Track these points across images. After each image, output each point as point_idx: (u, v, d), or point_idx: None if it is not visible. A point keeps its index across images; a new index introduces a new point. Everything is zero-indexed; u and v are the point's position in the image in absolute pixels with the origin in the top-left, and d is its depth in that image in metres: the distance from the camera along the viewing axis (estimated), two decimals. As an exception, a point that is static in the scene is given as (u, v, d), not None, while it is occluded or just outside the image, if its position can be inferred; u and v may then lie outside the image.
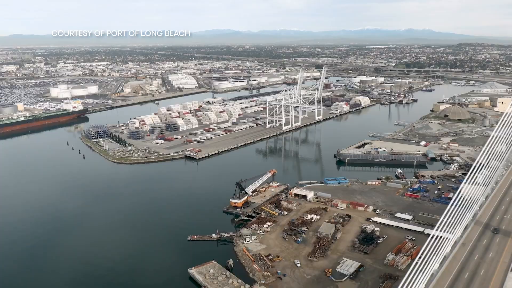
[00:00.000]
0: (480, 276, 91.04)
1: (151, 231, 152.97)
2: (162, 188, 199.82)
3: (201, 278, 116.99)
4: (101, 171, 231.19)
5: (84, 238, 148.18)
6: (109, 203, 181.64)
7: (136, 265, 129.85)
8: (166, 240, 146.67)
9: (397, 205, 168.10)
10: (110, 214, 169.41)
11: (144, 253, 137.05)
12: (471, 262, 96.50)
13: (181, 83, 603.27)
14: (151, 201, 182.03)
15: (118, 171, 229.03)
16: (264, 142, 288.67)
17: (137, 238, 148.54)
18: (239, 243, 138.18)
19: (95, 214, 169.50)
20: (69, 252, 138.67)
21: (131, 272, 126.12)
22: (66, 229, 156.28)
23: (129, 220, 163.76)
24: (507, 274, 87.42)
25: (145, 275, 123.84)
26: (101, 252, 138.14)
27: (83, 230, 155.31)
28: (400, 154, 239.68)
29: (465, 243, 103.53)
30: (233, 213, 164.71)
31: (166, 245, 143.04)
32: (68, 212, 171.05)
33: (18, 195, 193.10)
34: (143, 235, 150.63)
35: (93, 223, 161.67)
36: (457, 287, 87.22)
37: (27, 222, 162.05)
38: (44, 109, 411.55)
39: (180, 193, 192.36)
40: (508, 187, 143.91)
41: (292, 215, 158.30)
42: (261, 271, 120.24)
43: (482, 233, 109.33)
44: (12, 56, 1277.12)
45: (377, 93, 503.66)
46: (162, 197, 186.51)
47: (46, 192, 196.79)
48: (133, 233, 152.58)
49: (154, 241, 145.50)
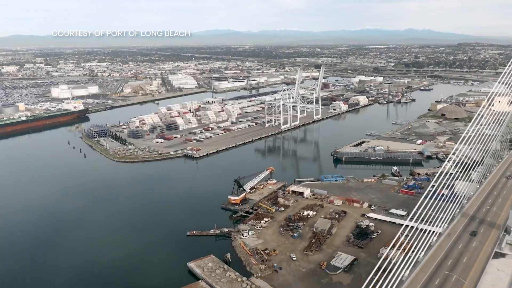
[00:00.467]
0: (462, 263, 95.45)
1: (151, 228, 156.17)
2: (162, 186, 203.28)
3: (200, 271, 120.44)
4: (101, 170, 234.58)
5: (85, 237, 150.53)
6: (110, 201, 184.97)
7: (136, 260, 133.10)
8: (166, 236, 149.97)
9: (392, 202, 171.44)
10: (110, 212, 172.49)
11: (144, 249, 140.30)
12: (455, 251, 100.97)
13: (181, 83, 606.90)
14: (151, 198, 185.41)
15: (118, 170, 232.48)
16: (263, 141, 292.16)
17: (137, 234, 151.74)
18: (237, 238, 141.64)
19: (96, 212, 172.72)
20: (70, 250, 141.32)
21: (132, 266, 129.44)
22: (67, 227, 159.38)
23: (129, 217, 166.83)
24: (488, 261, 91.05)
25: (146, 268, 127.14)
26: (102, 248, 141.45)
27: (84, 229, 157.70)
28: (397, 152, 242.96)
29: (451, 234, 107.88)
30: (231, 210, 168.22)
31: (166, 240, 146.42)
32: (69, 211, 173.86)
33: (19, 194, 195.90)
34: (143, 231, 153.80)
35: (94, 221, 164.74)
36: (440, 272, 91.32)
37: (28, 221, 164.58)
38: (45, 109, 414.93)
39: (180, 191, 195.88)
40: (497, 182, 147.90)
41: (289, 211, 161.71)
42: (258, 265, 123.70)
43: (468, 224, 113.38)
44: (12, 56, 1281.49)
45: (375, 93, 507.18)
46: (162, 195, 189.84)
47: (47, 191, 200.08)
48: (133, 230, 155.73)
49: (154, 237, 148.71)
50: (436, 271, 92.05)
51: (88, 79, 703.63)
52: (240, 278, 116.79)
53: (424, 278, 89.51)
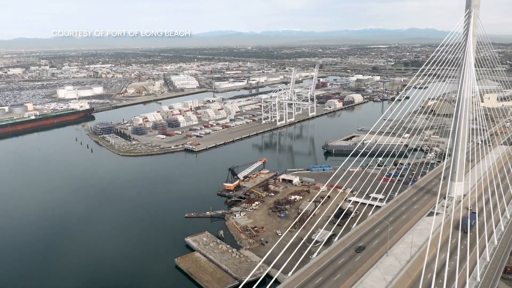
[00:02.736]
0: (402, 219, 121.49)
1: (154, 211, 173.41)
2: (164, 176, 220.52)
3: (196, 245, 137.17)
4: (107, 163, 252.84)
5: (94, 224, 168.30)
6: (116, 189, 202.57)
7: (141, 235, 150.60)
8: (166, 217, 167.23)
9: (373, 188, 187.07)
10: (116, 199, 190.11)
11: (147, 227, 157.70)
12: (398, 211, 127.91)
13: (183, 84, 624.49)
14: (153, 187, 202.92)
15: (123, 163, 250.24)
16: (259, 137, 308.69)
17: (142, 216, 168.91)
18: (229, 218, 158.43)
19: (104, 199, 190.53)
20: (79, 233, 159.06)
21: (136, 240, 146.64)
22: (77, 214, 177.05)
23: (133, 203, 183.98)
24: (422, 217, 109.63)
25: (148, 242, 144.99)
26: (113, 229, 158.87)
27: (92, 218, 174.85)
28: (383, 144, 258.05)
29: (399, 200, 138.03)
30: (226, 195, 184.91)
31: (167, 221, 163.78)
32: (79, 200, 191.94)
33: (31, 187, 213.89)
34: (146, 214, 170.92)
35: (103, 207, 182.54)
36: (381, 225, 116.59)
37: (40, 211, 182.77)
38: (53, 108, 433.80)
39: (180, 180, 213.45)
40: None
41: (278, 196, 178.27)
42: (247, 239, 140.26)
43: (415, 193, 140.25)
44: (17, 59, 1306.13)
45: (371, 91, 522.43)
46: (163, 183, 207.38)
47: (59, 180, 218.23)
48: (138, 213, 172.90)
49: (156, 218, 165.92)
50: (378, 224, 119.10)
51: (93, 80, 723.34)
52: (230, 250, 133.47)
53: (367, 228, 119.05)
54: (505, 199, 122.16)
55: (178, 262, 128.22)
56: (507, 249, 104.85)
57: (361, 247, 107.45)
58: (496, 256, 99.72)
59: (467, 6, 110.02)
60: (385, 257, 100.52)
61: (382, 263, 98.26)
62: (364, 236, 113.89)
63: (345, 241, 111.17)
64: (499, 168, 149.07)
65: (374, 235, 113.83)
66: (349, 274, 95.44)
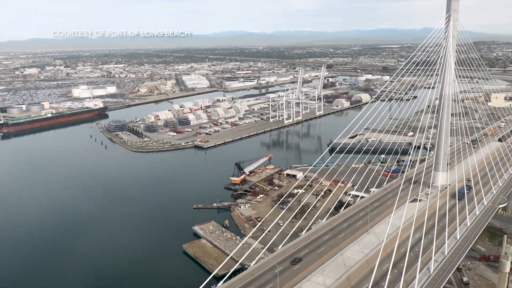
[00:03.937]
0: (386, 204, 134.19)
1: (164, 202, 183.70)
2: (174, 171, 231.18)
3: (202, 233, 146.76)
4: (120, 158, 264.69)
5: (110, 212, 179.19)
6: (128, 182, 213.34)
7: (151, 224, 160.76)
8: (176, 208, 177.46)
9: (373, 182, 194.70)
10: (129, 191, 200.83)
11: (157, 217, 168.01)
12: (385, 197, 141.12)
13: (194, 83, 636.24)
14: (163, 180, 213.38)
15: (135, 158, 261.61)
16: (267, 134, 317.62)
17: (152, 207, 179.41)
18: (235, 210, 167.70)
19: (118, 191, 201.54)
20: (96, 221, 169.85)
21: (146, 228, 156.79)
22: (94, 201, 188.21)
23: (145, 195, 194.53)
24: (405, 204, 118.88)
25: (158, 230, 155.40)
26: (121, 220, 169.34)
27: (108, 207, 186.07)
28: (387, 142, 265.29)
29: (387, 188, 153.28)
30: (232, 189, 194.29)
31: (176, 211, 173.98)
32: (94, 190, 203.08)
33: (49, 182, 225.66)
34: (157, 205, 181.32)
35: (116, 198, 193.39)
36: (366, 209, 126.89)
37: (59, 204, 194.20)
38: (68, 107, 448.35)
39: (189, 174, 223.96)
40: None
41: (282, 190, 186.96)
42: (250, 228, 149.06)
43: (404, 184, 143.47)
44: (32, 59, 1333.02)
45: (379, 91, 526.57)
46: (173, 177, 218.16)
47: (75, 174, 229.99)
48: (149, 204, 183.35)
49: (166, 209, 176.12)
50: (364, 209, 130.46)
51: (106, 80, 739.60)
52: (235, 237, 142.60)
53: (353, 212, 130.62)
54: (483, 191, 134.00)
55: (186, 248, 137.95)
56: (477, 231, 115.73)
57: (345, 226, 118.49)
58: (467, 236, 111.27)
59: (447, 10, 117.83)
60: (365, 234, 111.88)
61: (362, 240, 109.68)
62: (349, 218, 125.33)
63: (331, 222, 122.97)
64: (487, 163, 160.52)
65: (359, 217, 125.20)
66: (332, 247, 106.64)
